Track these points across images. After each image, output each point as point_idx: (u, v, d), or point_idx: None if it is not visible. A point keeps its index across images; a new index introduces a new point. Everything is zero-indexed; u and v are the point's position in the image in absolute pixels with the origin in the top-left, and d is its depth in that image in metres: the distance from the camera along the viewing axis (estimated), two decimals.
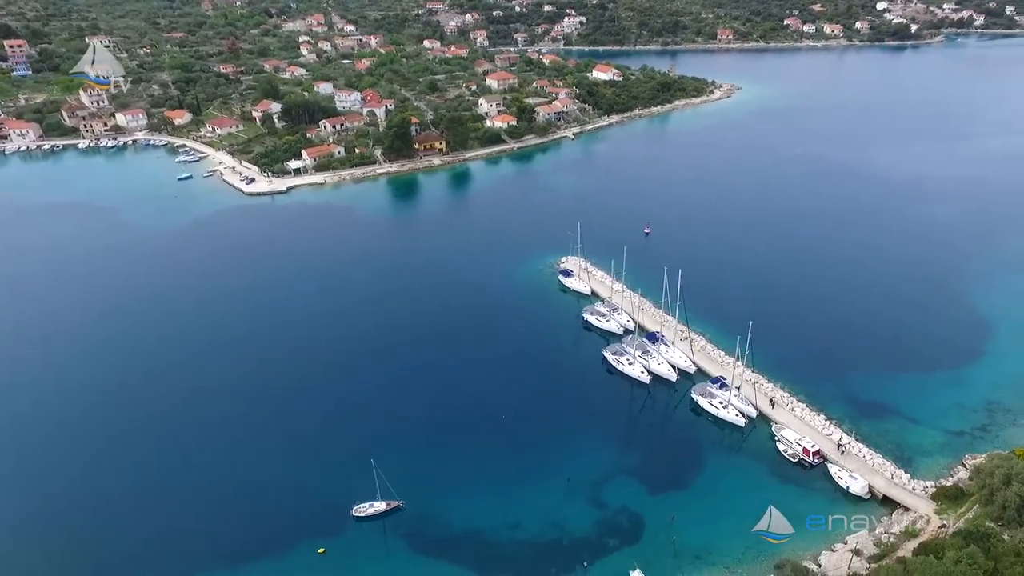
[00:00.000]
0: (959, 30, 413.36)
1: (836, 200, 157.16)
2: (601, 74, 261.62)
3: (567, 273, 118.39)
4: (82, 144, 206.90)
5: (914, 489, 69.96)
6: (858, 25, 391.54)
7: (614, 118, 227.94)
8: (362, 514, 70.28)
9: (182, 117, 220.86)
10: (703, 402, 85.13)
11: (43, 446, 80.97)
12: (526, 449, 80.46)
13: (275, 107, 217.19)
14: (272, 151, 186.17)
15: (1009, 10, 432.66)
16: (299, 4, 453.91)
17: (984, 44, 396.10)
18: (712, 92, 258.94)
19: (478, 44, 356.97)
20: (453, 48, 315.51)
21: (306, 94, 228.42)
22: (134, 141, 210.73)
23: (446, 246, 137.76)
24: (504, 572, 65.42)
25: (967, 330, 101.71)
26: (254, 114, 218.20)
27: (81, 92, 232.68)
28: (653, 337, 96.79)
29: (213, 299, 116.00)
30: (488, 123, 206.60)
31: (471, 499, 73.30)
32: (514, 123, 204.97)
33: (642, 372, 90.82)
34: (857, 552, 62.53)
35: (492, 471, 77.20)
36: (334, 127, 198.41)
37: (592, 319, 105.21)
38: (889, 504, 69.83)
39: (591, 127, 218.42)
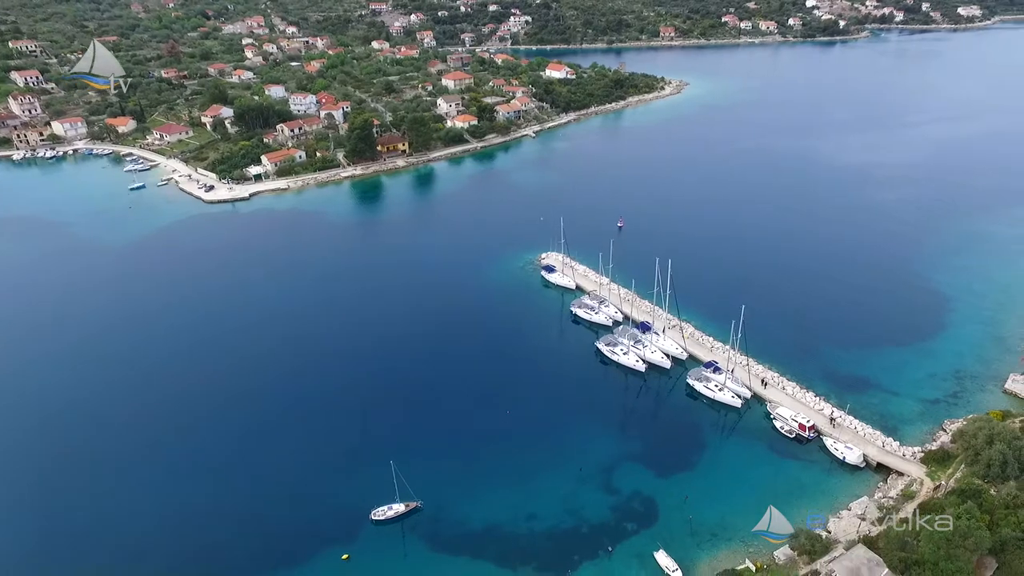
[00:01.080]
0: (882, 26, 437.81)
1: (792, 189, 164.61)
2: (554, 72, 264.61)
3: (550, 269, 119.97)
4: (16, 155, 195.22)
5: (904, 455, 74.70)
6: (791, 22, 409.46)
7: (572, 115, 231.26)
8: (381, 517, 69.82)
9: (126, 125, 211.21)
10: (699, 386, 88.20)
11: (48, 459, 76.94)
12: (533, 442, 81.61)
13: (226, 112, 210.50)
14: (229, 157, 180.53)
15: (925, 6, 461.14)
16: (237, 6, 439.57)
17: (904, 39, 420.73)
18: (663, 88, 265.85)
19: (425, 44, 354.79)
20: (403, 49, 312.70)
21: (257, 98, 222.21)
22: (75, 151, 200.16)
23: (423, 248, 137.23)
24: (528, 563, 66.33)
25: (927, 306, 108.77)
26: (204, 120, 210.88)
27: (10, 100, 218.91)
28: (644, 327, 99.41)
29: (193, 310, 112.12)
30: (449, 123, 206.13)
31: (486, 494, 73.92)
32: (475, 122, 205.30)
33: (637, 361, 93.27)
34: (862, 517, 66.35)
35: (504, 465, 77.99)
36: (292, 131, 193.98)
37: (581, 312, 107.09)
38: (883, 471, 74.34)
39: (550, 125, 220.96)
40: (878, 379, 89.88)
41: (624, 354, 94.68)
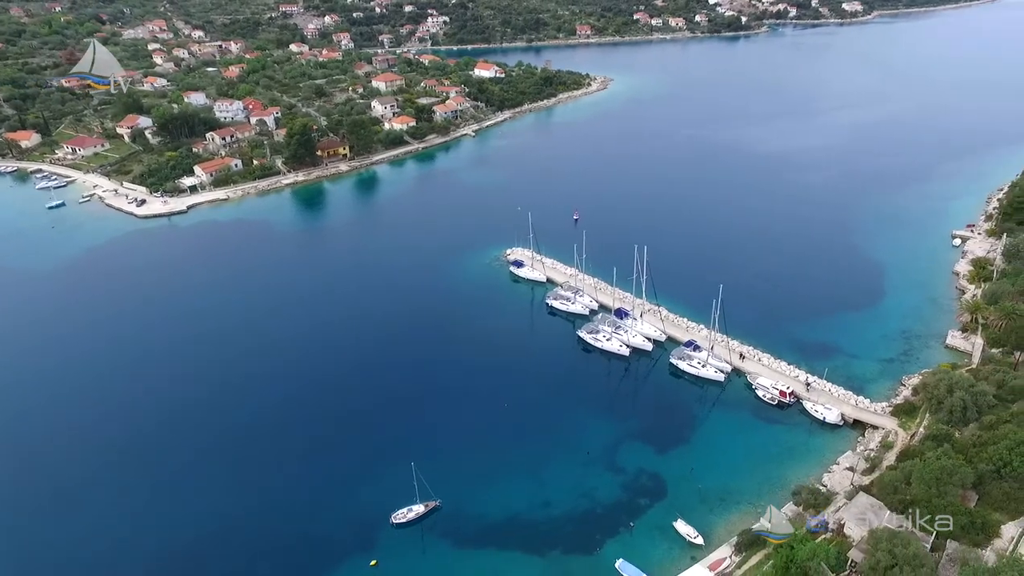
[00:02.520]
0: (778, 21, 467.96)
1: (729, 175, 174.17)
2: (484, 72, 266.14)
3: (519, 264, 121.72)
4: None
5: (876, 411, 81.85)
6: (698, 18, 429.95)
7: (507, 113, 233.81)
8: (402, 520, 69.40)
9: (29, 139, 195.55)
10: (683, 365, 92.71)
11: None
12: (535, 432, 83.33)
13: (144, 122, 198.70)
14: (157, 169, 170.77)
15: (814, 2, 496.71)
16: (133, 9, 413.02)
17: (799, 32, 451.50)
18: (590, 85, 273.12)
19: (343, 46, 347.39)
20: (325, 51, 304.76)
21: (176, 106, 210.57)
22: None
23: (383, 251, 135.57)
24: (553, 547, 67.89)
25: (867, 275, 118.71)
26: (120, 131, 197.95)
27: None
28: (621, 313, 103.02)
29: (152, 327, 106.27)
30: (387, 125, 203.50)
31: (499, 487, 74.89)
32: (414, 124, 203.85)
33: (621, 346, 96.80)
34: (852, 469, 72.39)
35: (510, 457, 79.20)
36: (223, 139, 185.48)
37: (557, 303, 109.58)
38: (860, 426, 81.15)
39: (488, 123, 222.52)
40: (838, 344, 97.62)
41: (607, 340, 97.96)
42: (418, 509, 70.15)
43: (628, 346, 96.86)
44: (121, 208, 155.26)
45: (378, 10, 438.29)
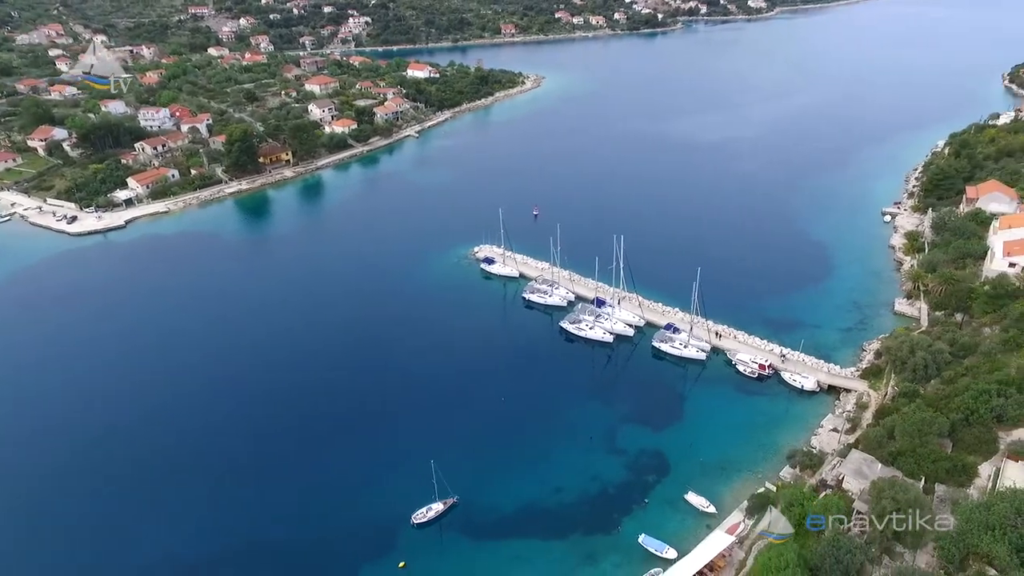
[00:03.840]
0: (691, 17, 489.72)
1: (673, 166, 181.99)
2: (418, 72, 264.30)
3: (489, 261, 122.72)
4: None
5: (847, 376, 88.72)
6: (617, 16, 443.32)
7: (447, 114, 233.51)
8: (423, 520, 69.39)
9: None
10: (665, 347, 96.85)
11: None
12: (534, 422, 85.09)
13: (59, 133, 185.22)
14: (84, 183, 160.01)
15: (723, 0, 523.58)
16: (23, 12, 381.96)
17: (711, 28, 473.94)
18: (524, 83, 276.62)
19: (263, 49, 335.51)
20: (248, 55, 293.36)
21: (93, 116, 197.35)
22: None
23: (344, 258, 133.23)
24: (574, 530, 69.77)
25: (814, 253, 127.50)
26: (32, 144, 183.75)
27: None
28: (599, 302, 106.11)
29: (107, 348, 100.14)
30: (327, 129, 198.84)
31: (510, 479, 76.09)
32: (355, 126, 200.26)
33: (604, 333, 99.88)
34: (836, 430, 78.37)
35: (515, 448, 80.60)
36: (155, 149, 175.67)
37: (534, 297, 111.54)
38: (834, 391, 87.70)
39: (430, 124, 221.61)
40: (800, 318, 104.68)
41: (590, 328, 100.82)
42: (437, 507, 70.34)
43: (611, 333, 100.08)
44: (49, 226, 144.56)
45: (296, 11, 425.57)
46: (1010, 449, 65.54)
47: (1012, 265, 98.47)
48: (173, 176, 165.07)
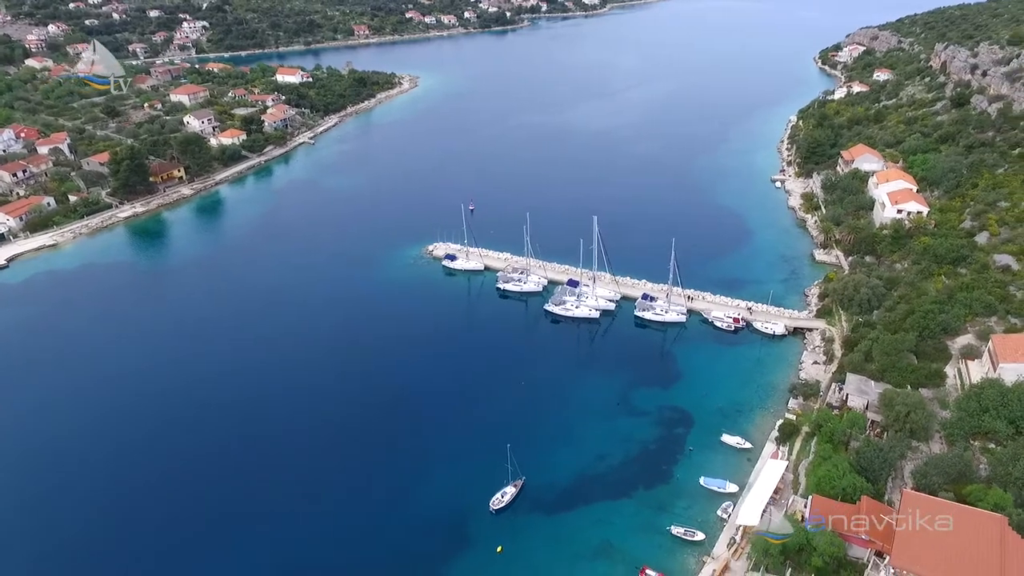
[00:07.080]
0: (534, 15, 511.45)
1: (575, 152, 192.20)
2: (289, 77, 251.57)
3: (451, 257, 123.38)
4: None
5: (806, 318, 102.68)
6: (467, 15, 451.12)
7: (334, 118, 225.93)
8: (500, 505, 70.81)
9: None
10: (648, 315, 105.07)
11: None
12: (553, 399, 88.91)
13: None
14: None
15: None
16: None
17: (554, 24, 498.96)
18: (402, 84, 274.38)
19: (83, 58, 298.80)
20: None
21: None
22: None
23: (292, 269, 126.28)
24: (635, 488, 74.61)
25: (732, 221, 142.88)
26: None
27: None
28: (574, 283, 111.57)
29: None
30: (214, 141, 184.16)
31: (555, 454, 79.33)
32: (245, 136, 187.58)
33: (591, 310, 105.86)
34: (816, 363, 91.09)
35: (549, 427, 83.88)
36: (14, 175, 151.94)
37: (508, 286, 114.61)
38: (799, 333, 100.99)
39: (321, 129, 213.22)
40: (743, 276, 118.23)
41: (576, 308, 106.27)
42: (510, 491, 72.01)
43: (597, 309, 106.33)
44: None
45: (117, 16, 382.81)
46: (963, 352, 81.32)
47: (900, 212, 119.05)
48: (49, 204, 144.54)
